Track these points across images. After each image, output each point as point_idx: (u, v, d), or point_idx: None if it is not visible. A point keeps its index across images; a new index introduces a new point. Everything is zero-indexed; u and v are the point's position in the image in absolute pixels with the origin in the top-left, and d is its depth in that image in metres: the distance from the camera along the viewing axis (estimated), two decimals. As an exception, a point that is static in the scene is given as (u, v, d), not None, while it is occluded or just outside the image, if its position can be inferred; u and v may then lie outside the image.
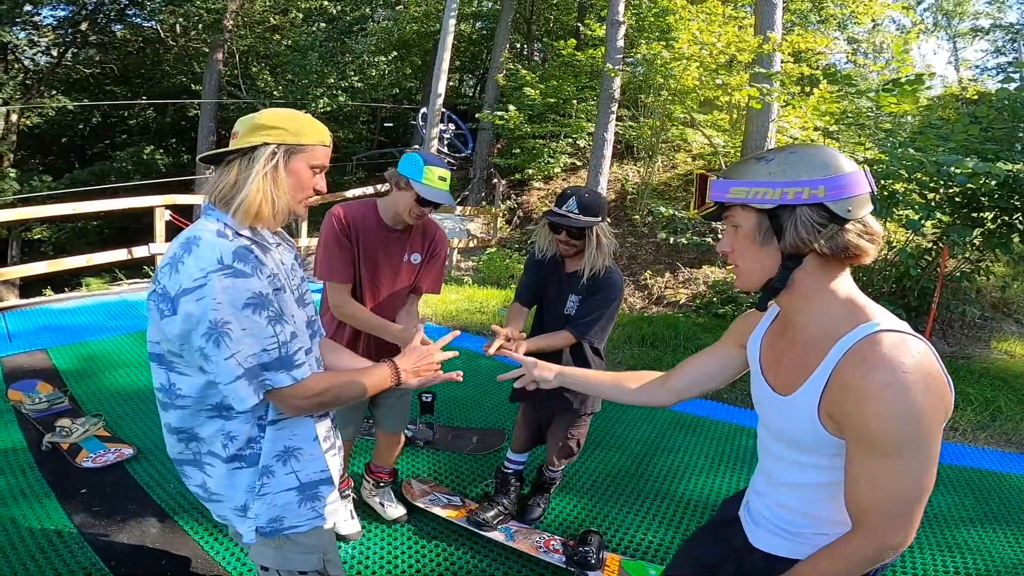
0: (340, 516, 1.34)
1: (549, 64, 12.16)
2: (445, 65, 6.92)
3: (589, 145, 10.79)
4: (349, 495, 2.33)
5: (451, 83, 15.33)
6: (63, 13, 13.64)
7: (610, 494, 2.79)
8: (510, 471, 2.52)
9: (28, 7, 12.00)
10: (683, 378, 1.30)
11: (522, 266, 8.43)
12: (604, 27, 9.03)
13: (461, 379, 1.39)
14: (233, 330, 1.05)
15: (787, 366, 1.01)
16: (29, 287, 10.37)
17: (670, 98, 8.67)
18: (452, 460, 3.00)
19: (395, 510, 2.40)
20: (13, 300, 7.29)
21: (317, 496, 1.27)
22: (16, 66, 13.77)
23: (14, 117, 12.28)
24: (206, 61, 13.13)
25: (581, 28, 11.30)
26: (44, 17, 13.58)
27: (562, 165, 10.85)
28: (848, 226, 0.88)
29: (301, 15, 13.71)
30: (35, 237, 14.96)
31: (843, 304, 0.94)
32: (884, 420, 0.84)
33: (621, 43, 8.44)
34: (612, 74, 8.02)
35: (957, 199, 4.81)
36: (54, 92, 13.61)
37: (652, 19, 9.32)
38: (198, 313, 1.03)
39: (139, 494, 2.49)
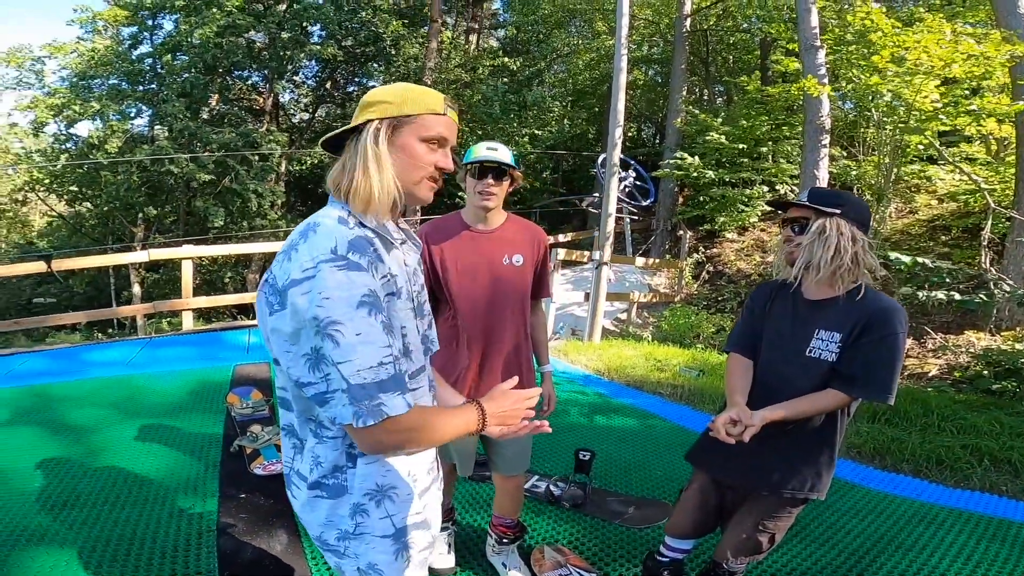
0: (433, 558, 1.18)
1: (735, 104, 11.26)
2: (621, 105, 6.64)
3: (792, 190, 9.51)
4: (451, 528, 2.07)
5: (629, 132, 15.22)
6: (312, 72, 17.07)
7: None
8: (666, 560, 1.89)
9: (290, 67, 14.96)
10: None
11: (712, 326, 7.58)
12: (795, 60, 8.00)
13: (550, 430, 1.14)
14: (344, 333, 0.88)
15: None
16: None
17: (901, 125, 7.16)
18: (600, 529, 2.45)
19: (518, 575, 1.97)
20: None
21: (411, 544, 1.11)
22: (286, 123, 17.49)
23: (283, 166, 15.39)
24: (412, 116, 15.16)
25: (768, 63, 10.29)
26: (300, 77, 17.08)
27: (758, 214, 9.70)
28: None
29: (487, 71, 15.14)
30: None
31: None
32: None
33: (823, 70, 7.39)
34: (815, 93, 6.95)
35: None
36: (311, 143, 16.96)
37: (851, 38, 7.94)
38: (303, 308, 0.88)
39: (283, 507, 2.49)
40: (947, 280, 6.05)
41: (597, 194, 9.90)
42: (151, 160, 11.68)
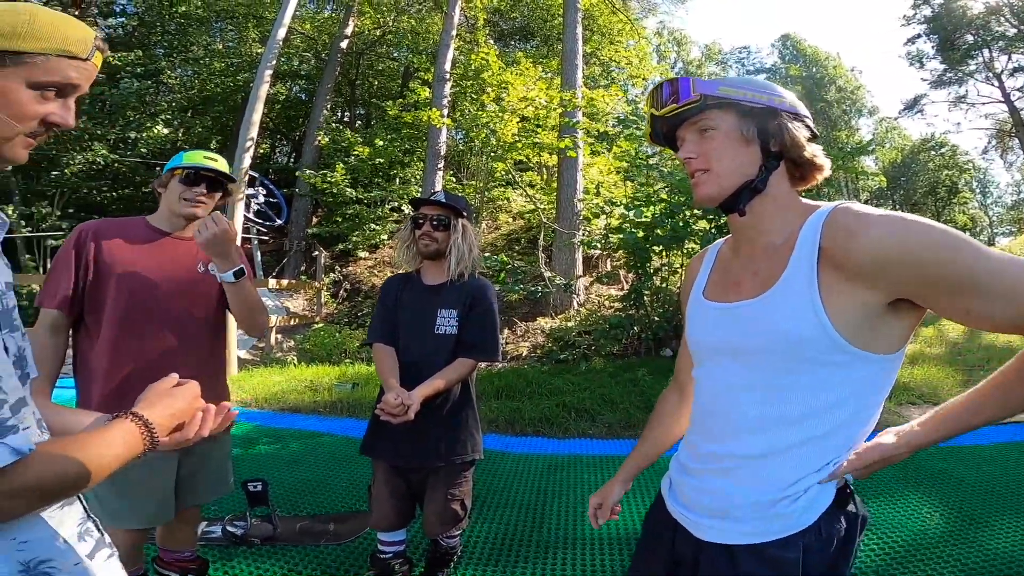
0: None
1: (375, 127, 11.97)
2: (256, 117, 6.12)
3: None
4: None
5: (262, 149, 14.19)
6: None
7: (515, 555, 2.39)
8: (389, 554, 1.97)
9: None
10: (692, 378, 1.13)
11: (356, 341, 7.80)
12: (428, 90, 9.21)
13: (236, 412, 0.99)
14: None
15: (753, 276, 0.90)
16: None
17: (492, 154, 9.03)
18: (310, 555, 2.33)
19: None
20: None
21: None
22: None
23: None
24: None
25: (406, 92, 11.42)
26: None
27: (388, 232, 10.54)
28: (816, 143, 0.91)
29: None
30: None
31: (804, 206, 0.91)
32: (929, 245, 0.73)
33: (446, 100, 8.71)
34: (438, 124, 8.13)
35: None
36: None
37: (471, 75, 9.74)
38: None
39: None
40: (522, 277, 7.98)
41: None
42: None
